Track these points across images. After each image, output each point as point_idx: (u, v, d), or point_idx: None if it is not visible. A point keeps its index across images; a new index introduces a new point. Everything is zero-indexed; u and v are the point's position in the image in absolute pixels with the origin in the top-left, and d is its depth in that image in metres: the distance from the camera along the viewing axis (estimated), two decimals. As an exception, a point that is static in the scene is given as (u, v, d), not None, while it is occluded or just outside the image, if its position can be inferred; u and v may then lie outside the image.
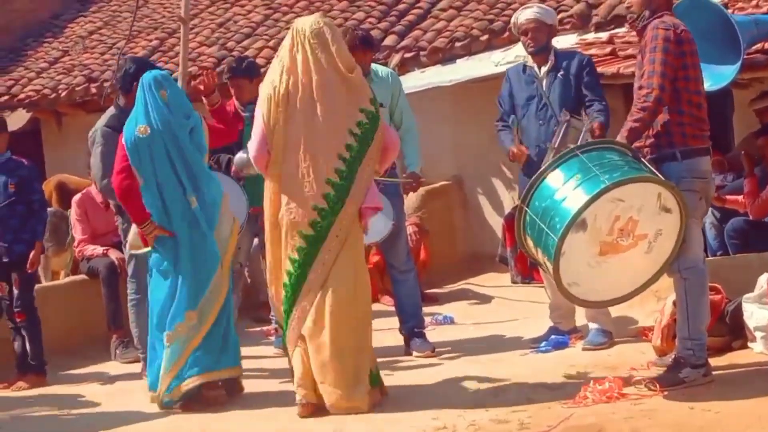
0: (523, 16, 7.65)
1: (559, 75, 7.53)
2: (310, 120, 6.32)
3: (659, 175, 5.96)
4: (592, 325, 7.43)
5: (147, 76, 6.93)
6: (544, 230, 5.90)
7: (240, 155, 7.71)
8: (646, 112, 6.03)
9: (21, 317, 8.11)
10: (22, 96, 14.25)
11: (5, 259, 8.07)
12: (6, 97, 14.39)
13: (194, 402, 6.77)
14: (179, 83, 7.46)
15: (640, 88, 6.09)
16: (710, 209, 7.48)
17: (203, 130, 7.05)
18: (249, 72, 8.50)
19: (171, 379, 6.74)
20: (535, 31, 7.57)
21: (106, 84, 13.04)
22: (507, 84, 7.81)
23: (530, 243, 6.12)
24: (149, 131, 6.82)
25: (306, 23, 6.45)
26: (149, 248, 6.93)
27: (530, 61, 7.70)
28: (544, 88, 7.56)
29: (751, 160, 8.13)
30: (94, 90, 13.65)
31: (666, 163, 6.12)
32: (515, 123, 7.64)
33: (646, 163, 6.03)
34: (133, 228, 7.12)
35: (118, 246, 8.38)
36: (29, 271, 8.12)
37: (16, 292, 8.08)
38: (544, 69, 7.59)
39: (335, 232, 6.34)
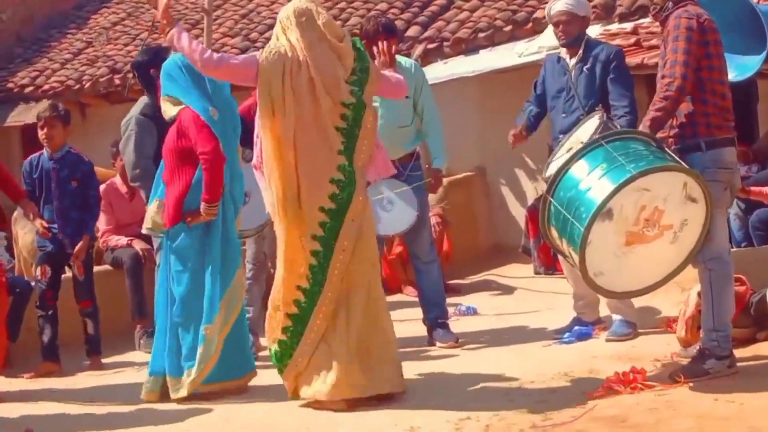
0: (555, 7, 7.57)
1: (585, 68, 7.47)
2: (310, 101, 6.28)
3: (684, 164, 5.96)
4: (616, 317, 7.43)
5: (182, 59, 6.77)
6: (569, 220, 5.89)
7: None
8: (668, 101, 6.02)
9: (88, 304, 8.41)
10: (46, 87, 14.32)
11: (69, 251, 8.27)
12: (30, 88, 14.45)
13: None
14: None
15: (663, 77, 6.08)
16: (735, 200, 7.46)
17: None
18: None
19: (208, 373, 6.77)
20: (567, 23, 7.50)
21: (130, 75, 13.08)
22: (543, 72, 7.78)
23: (554, 234, 6.12)
24: (217, 114, 6.78)
25: (289, 8, 6.40)
26: (165, 230, 6.91)
27: (563, 53, 7.67)
28: (573, 80, 7.52)
29: None
30: (117, 81, 13.71)
31: (690, 154, 6.11)
32: (530, 111, 7.63)
33: (671, 153, 6.02)
34: (154, 207, 7.06)
35: (143, 236, 8.41)
36: (75, 262, 8.29)
37: (80, 279, 8.34)
38: (573, 60, 7.54)
39: (353, 206, 6.31)
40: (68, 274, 8.54)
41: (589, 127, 6.64)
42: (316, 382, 6.26)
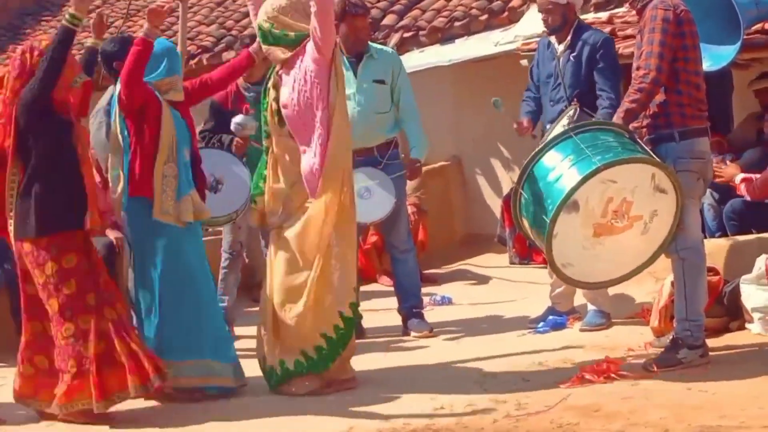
0: None
1: (572, 56, 7.43)
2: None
3: (654, 156, 5.98)
4: (590, 307, 7.46)
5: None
6: (537, 212, 5.93)
7: (239, 117, 7.72)
8: (642, 93, 6.05)
9: None
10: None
11: None
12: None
13: None
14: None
15: (638, 68, 6.10)
16: (709, 190, 7.49)
17: None
18: None
19: None
20: (549, 11, 7.48)
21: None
22: (536, 56, 7.79)
23: (526, 224, 6.15)
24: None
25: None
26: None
27: (553, 38, 7.64)
28: (560, 67, 7.49)
29: None
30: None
31: (663, 144, 6.14)
32: (530, 102, 7.64)
33: (642, 144, 6.05)
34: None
35: (115, 225, 8.35)
36: None
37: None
38: (561, 47, 7.51)
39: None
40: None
41: (564, 121, 6.69)
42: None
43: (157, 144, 6.36)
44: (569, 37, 7.48)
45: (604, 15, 10.27)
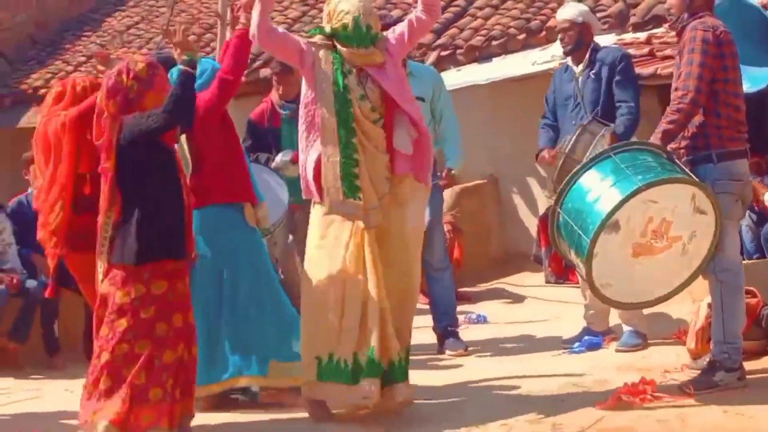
0: (558, 16, 7.80)
1: (591, 73, 7.51)
2: None
3: (693, 176, 5.96)
4: (626, 327, 7.43)
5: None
6: (576, 231, 5.90)
7: (281, 156, 7.78)
8: (681, 113, 6.02)
9: None
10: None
11: None
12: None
13: None
14: None
15: (676, 89, 6.08)
16: (747, 212, 7.45)
17: None
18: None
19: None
20: (566, 30, 7.61)
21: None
22: (552, 83, 7.84)
23: (564, 244, 6.12)
24: None
25: None
26: None
27: (570, 61, 7.72)
28: (579, 87, 7.55)
29: None
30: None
31: (702, 165, 6.10)
32: (548, 127, 7.65)
33: (680, 165, 6.02)
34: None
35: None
36: None
37: None
38: (580, 67, 7.59)
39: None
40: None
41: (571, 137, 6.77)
42: None
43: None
44: (587, 57, 7.55)
45: (642, 35, 10.26)
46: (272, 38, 6.32)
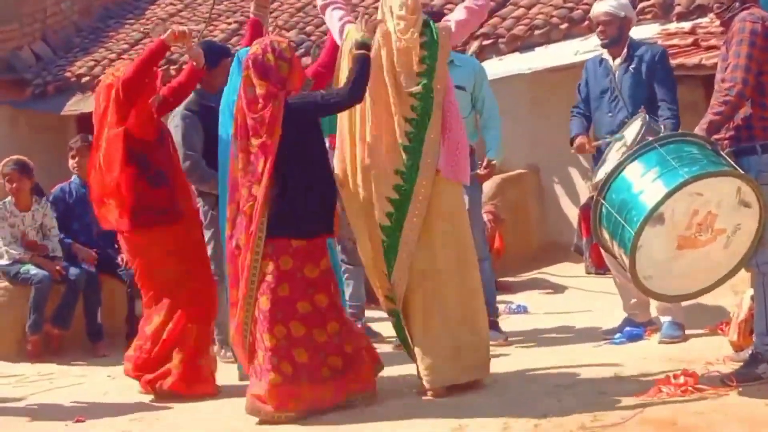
0: (597, 8, 7.71)
1: (630, 68, 7.51)
2: (380, 88, 6.38)
3: (739, 169, 5.92)
4: (665, 318, 7.41)
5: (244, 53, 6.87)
6: (620, 223, 5.88)
7: None
8: (727, 105, 5.99)
9: None
10: (102, 77, 14.42)
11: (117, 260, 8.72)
12: (87, 78, 14.61)
13: None
14: None
15: (723, 81, 6.04)
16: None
17: None
18: None
19: None
20: (607, 24, 7.58)
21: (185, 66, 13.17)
22: (585, 74, 7.83)
23: (606, 235, 6.11)
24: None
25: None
26: None
27: (606, 53, 7.70)
28: (616, 80, 7.54)
29: None
30: (173, 72, 13.78)
31: (746, 157, 6.07)
32: (580, 117, 7.65)
33: (726, 157, 5.98)
34: None
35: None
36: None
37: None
38: (617, 61, 7.58)
39: (418, 192, 6.37)
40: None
41: (633, 130, 6.65)
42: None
43: None
44: (625, 51, 7.54)
45: (686, 25, 10.21)
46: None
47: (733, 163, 5.95)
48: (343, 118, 6.49)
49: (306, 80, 6.57)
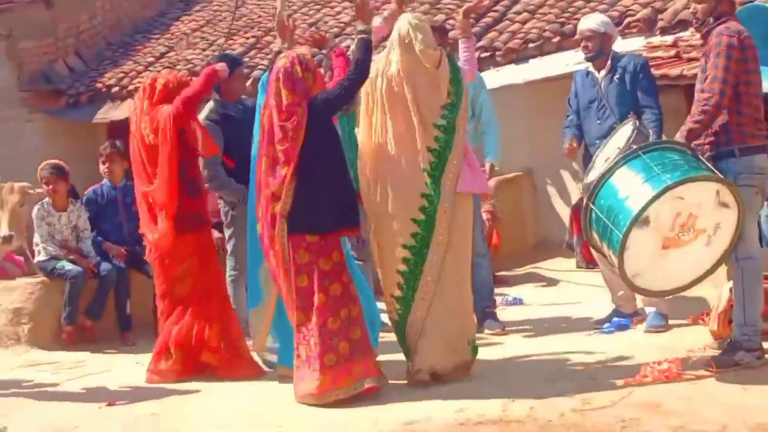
0: (581, 25, 7.80)
1: (615, 78, 7.53)
2: (401, 119, 6.37)
3: (717, 173, 5.91)
4: (649, 309, 7.40)
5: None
6: (609, 226, 5.88)
7: None
8: (706, 115, 5.99)
9: None
10: (131, 87, 14.45)
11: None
12: (116, 88, 14.60)
13: None
14: None
15: (702, 91, 6.04)
16: (765, 202, 7.39)
17: None
18: None
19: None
20: (589, 39, 7.64)
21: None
22: (574, 86, 7.85)
23: (596, 237, 6.11)
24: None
25: (397, 27, 6.52)
26: None
27: (591, 66, 7.72)
28: (603, 90, 7.56)
29: None
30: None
31: (724, 160, 6.07)
32: (572, 124, 7.65)
33: (705, 162, 5.98)
34: None
35: (216, 226, 8.45)
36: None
37: None
38: (602, 72, 7.60)
39: (442, 216, 6.34)
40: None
41: (624, 133, 6.65)
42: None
43: None
44: (609, 63, 7.57)
45: (669, 38, 10.19)
46: None
47: (711, 167, 5.94)
48: (362, 134, 6.53)
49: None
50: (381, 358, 6.65)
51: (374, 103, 6.42)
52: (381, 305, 6.80)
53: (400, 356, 6.61)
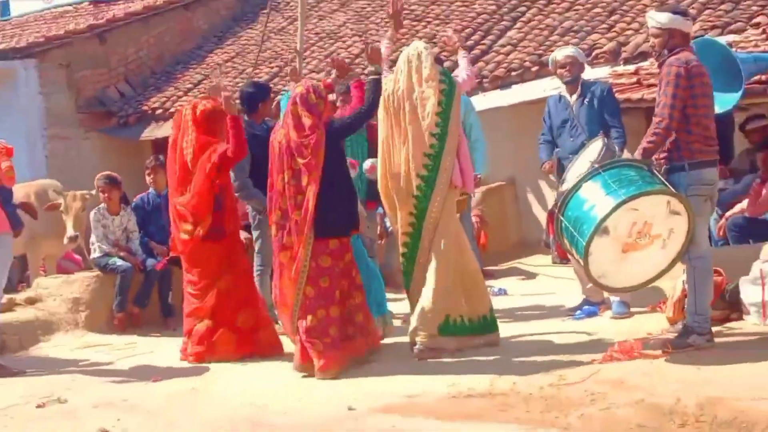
0: (562, 53, 7.74)
1: (585, 101, 7.53)
2: (405, 125, 6.52)
3: (668, 186, 5.89)
4: (614, 298, 7.40)
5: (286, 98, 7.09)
6: (575, 235, 5.87)
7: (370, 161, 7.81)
8: (658, 136, 5.99)
9: None
10: (172, 110, 14.48)
11: None
12: (160, 111, 14.63)
13: None
14: None
15: (655, 115, 6.04)
16: (715, 208, 7.38)
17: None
18: None
19: None
20: (571, 65, 7.61)
21: (237, 102, 13.15)
22: (547, 109, 7.84)
23: (566, 243, 6.10)
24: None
25: (404, 52, 6.70)
26: None
27: (563, 91, 7.71)
28: (574, 112, 7.54)
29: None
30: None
31: (676, 173, 6.05)
32: (547, 143, 7.69)
33: (659, 176, 5.96)
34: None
35: (246, 228, 8.43)
36: None
37: None
38: (574, 96, 7.59)
39: (433, 207, 6.51)
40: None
41: (594, 148, 6.64)
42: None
43: None
44: (579, 89, 7.58)
45: (632, 67, 10.17)
46: None
47: (664, 180, 5.92)
48: (380, 149, 6.68)
49: (334, 112, 6.67)
50: (387, 341, 6.68)
51: (387, 115, 6.56)
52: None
53: (403, 339, 6.62)
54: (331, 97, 7.11)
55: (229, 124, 6.92)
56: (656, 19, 6.17)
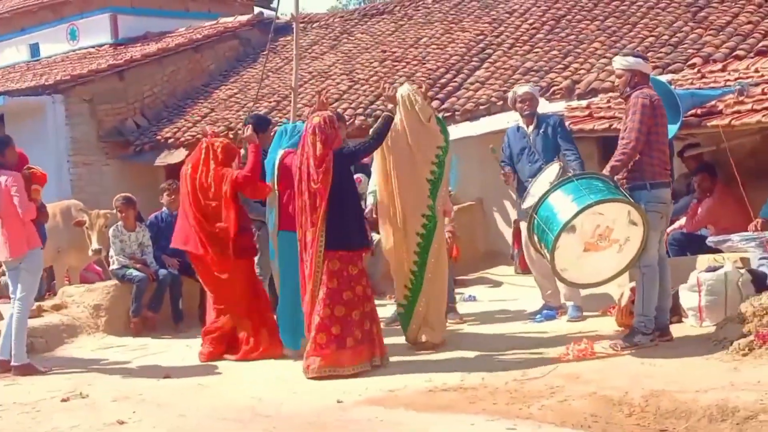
0: (522, 89, 7.80)
1: (540, 131, 7.56)
2: (407, 160, 6.62)
3: (630, 198, 5.92)
4: (569, 303, 7.41)
5: (288, 126, 7.01)
6: (546, 231, 5.89)
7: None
8: (625, 155, 6.02)
9: None
10: (182, 139, 14.43)
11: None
12: (172, 140, 14.58)
13: None
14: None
15: (623, 138, 6.07)
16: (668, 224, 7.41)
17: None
18: None
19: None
20: (529, 100, 7.65)
21: (239, 132, 13.13)
22: (506, 138, 7.86)
23: (536, 239, 6.11)
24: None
25: (402, 91, 6.74)
26: None
27: (521, 122, 7.73)
28: (531, 141, 7.56)
29: (703, 190, 8.07)
30: (231, 136, 13.75)
31: (638, 191, 6.06)
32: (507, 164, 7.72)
33: (622, 190, 5.99)
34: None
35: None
36: None
37: None
38: (531, 127, 7.62)
39: (438, 232, 6.67)
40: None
41: (552, 171, 6.68)
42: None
43: None
44: (535, 121, 7.60)
45: (584, 102, 10.18)
46: None
47: (627, 194, 5.95)
48: (378, 175, 6.76)
49: (344, 140, 6.65)
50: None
51: (387, 150, 6.60)
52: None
53: (390, 340, 6.60)
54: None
55: (250, 149, 6.96)
56: (621, 62, 6.23)
